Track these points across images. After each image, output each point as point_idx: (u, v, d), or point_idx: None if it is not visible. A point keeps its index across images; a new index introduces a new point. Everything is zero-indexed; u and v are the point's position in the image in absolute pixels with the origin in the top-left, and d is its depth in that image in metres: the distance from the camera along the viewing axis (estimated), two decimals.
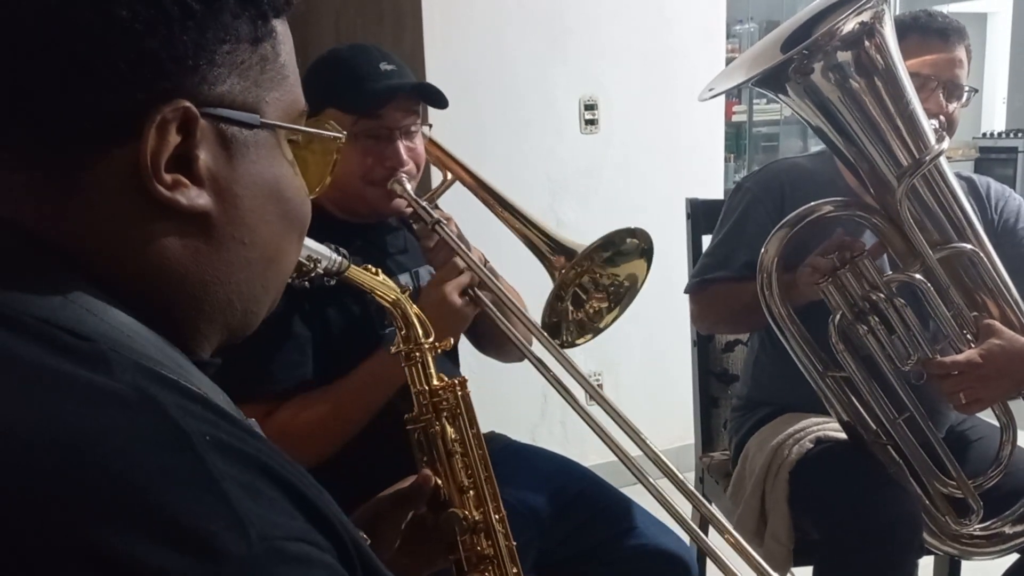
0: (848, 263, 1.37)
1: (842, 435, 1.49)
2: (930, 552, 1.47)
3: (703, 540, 1.12)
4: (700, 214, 1.83)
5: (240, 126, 0.53)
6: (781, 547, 1.51)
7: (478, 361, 1.55)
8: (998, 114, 6.76)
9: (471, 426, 1.01)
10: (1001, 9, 6.84)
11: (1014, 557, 1.51)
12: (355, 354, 1.28)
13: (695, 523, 1.21)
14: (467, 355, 1.50)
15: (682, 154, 2.81)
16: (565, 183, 2.66)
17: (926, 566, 1.57)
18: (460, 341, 1.47)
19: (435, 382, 1.02)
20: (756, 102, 5.33)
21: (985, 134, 6.38)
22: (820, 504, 1.46)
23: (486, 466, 1.00)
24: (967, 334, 1.39)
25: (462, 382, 1.03)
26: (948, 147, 1.37)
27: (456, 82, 2.41)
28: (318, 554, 0.43)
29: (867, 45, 1.30)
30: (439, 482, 0.96)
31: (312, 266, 0.97)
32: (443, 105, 1.35)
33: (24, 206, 0.50)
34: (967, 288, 1.40)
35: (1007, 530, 1.46)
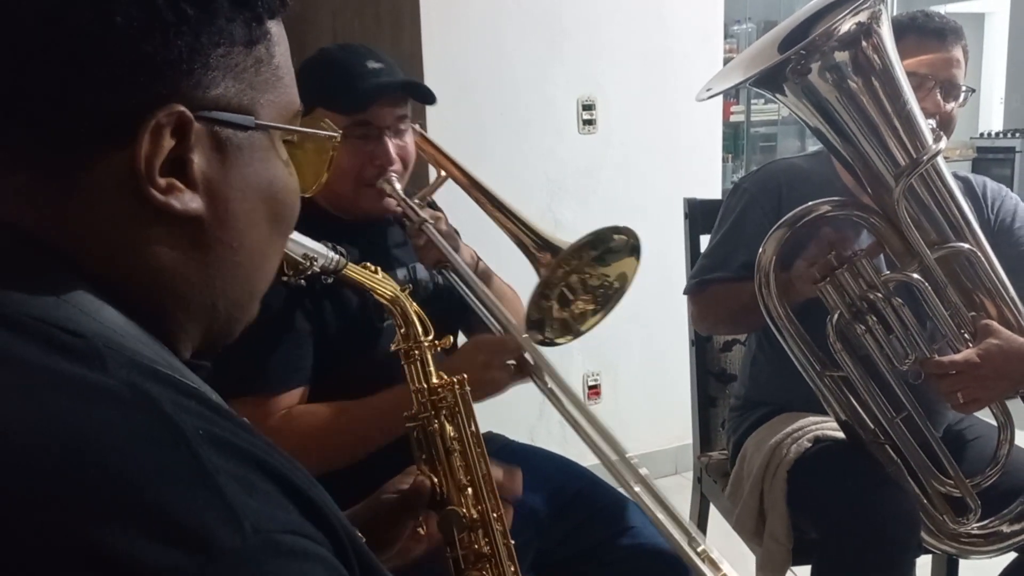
0: (845, 262, 1.37)
1: (840, 434, 1.49)
2: (928, 551, 1.48)
3: (684, 550, 1.05)
4: (698, 214, 1.83)
5: (234, 128, 0.53)
6: (779, 546, 1.51)
7: None
8: (995, 114, 6.77)
9: (470, 424, 1.01)
10: (998, 9, 6.86)
11: (1012, 556, 1.52)
12: (355, 350, 1.28)
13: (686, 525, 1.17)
14: None
15: (680, 154, 2.81)
16: (563, 183, 2.66)
17: (924, 565, 1.57)
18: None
19: (434, 380, 1.02)
20: (754, 102, 5.33)
21: (983, 134, 6.40)
22: (818, 503, 1.46)
23: (484, 464, 1.00)
24: (965, 334, 1.39)
25: (461, 380, 1.03)
26: (945, 147, 1.37)
27: (454, 83, 2.42)
28: (313, 547, 0.43)
29: (864, 45, 1.30)
30: (434, 480, 0.96)
31: (308, 264, 0.98)
32: (431, 101, 1.34)
33: (21, 206, 0.50)
34: (965, 288, 1.41)
35: (1005, 529, 1.46)
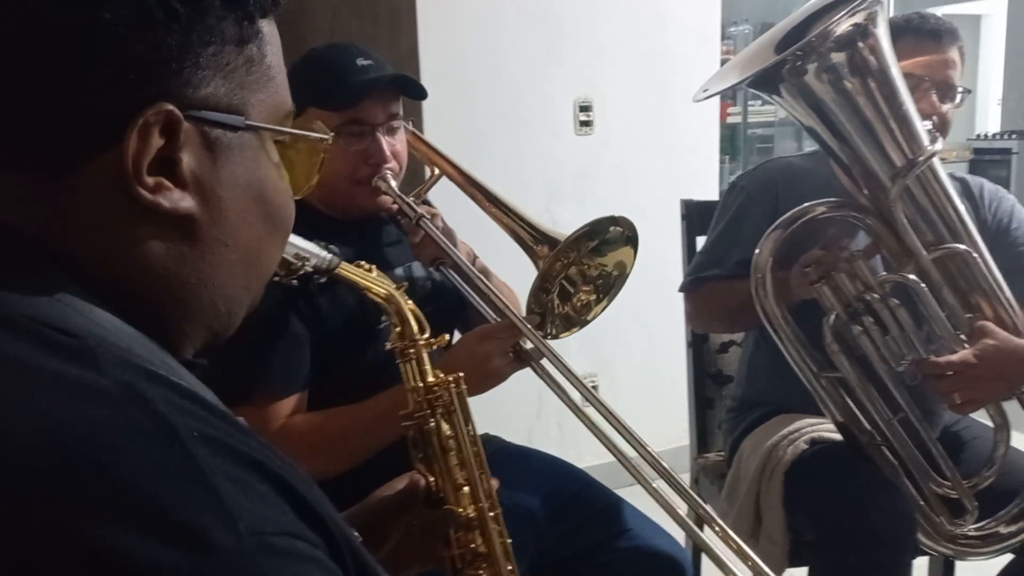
0: (841, 263, 1.37)
1: (837, 436, 1.49)
2: (925, 553, 1.47)
3: (700, 538, 1.13)
4: (695, 215, 1.83)
5: (224, 128, 0.52)
6: (776, 548, 1.51)
7: None
8: (992, 116, 6.77)
9: (466, 423, 1.01)
10: (995, 11, 6.86)
11: (1009, 557, 1.52)
12: (353, 351, 1.28)
13: (692, 522, 1.21)
14: None
15: (678, 155, 2.81)
16: (561, 184, 2.66)
17: (921, 567, 1.57)
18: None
19: (430, 379, 1.02)
20: (751, 104, 5.34)
21: (979, 135, 6.40)
22: (815, 505, 1.46)
23: (480, 463, 0.99)
24: (961, 335, 1.39)
25: (457, 379, 1.02)
26: (942, 148, 1.37)
27: (452, 83, 2.42)
28: (308, 549, 0.43)
29: (861, 46, 1.30)
30: (430, 479, 0.96)
31: (301, 264, 0.97)
32: (422, 96, 1.34)
33: (11, 207, 0.50)
34: (961, 289, 1.40)
35: (1002, 530, 1.46)
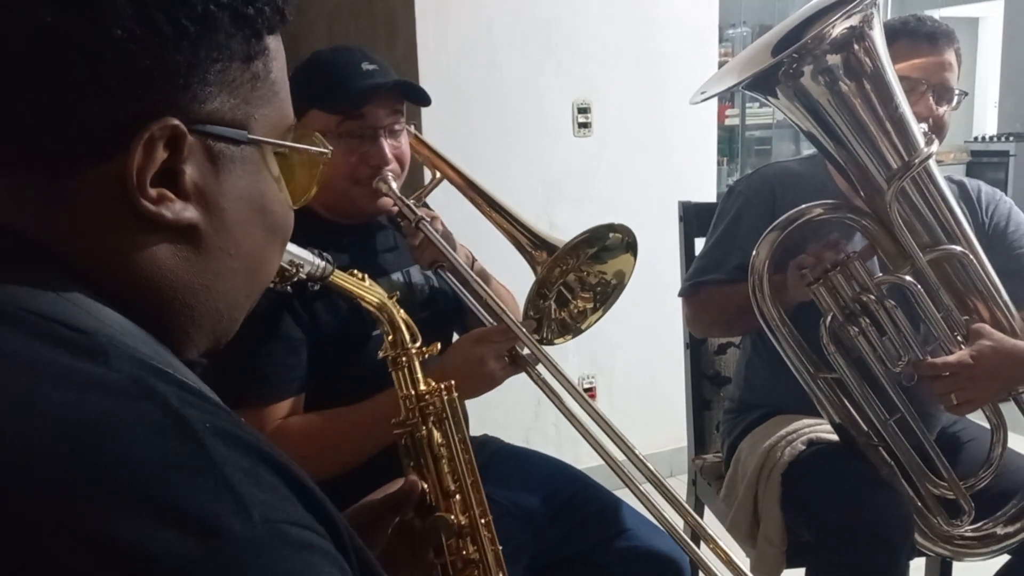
0: (838, 264, 1.38)
1: (834, 437, 1.50)
2: (922, 553, 1.48)
3: (689, 546, 1.12)
4: (692, 217, 1.83)
5: (227, 142, 0.53)
6: (774, 549, 1.51)
7: None
8: (989, 118, 6.78)
9: (457, 431, 1.01)
10: (992, 14, 6.88)
11: (1005, 558, 1.52)
12: (347, 357, 1.28)
13: (682, 532, 1.20)
14: None
15: (675, 157, 2.81)
16: (559, 186, 2.66)
17: (918, 567, 1.57)
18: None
19: (422, 387, 1.03)
20: (749, 106, 5.34)
21: (977, 138, 6.41)
22: (812, 506, 1.46)
23: (472, 471, 1.00)
24: (957, 336, 1.40)
25: (448, 387, 1.03)
26: (939, 151, 1.38)
27: (449, 86, 2.43)
28: (317, 539, 0.44)
29: (856, 49, 1.31)
30: (425, 487, 0.96)
31: (294, 271, 0.98)
32: (425, 102, 1.35)
33: (18, 211, 0.50)
34: (957, 290, 1.41)
35: (998, 531, 1.46)
